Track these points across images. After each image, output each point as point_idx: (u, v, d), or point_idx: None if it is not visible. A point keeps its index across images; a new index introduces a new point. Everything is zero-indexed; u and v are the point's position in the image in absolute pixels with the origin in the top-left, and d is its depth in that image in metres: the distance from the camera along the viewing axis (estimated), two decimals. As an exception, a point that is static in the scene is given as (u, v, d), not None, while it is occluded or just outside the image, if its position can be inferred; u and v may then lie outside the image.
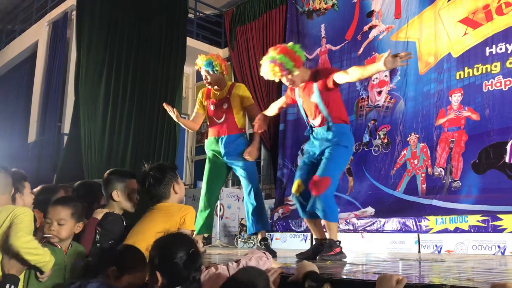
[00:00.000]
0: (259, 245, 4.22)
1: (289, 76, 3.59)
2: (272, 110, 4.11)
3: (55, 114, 8.79)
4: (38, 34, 10.06)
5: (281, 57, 3.49)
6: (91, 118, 8.02)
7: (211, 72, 4.27)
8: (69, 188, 3.35)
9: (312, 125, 3.74)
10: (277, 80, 3.70)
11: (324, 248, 3.51)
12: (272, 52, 3.55)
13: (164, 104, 4.33)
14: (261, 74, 3.65)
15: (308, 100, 3.69)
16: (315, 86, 3.62)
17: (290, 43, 3.65)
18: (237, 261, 2.19)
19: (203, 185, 4.44)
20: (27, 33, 10.73)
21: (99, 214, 2.69)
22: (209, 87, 4.38)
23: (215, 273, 2.09)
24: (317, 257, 3.44)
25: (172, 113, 4.29)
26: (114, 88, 8.36)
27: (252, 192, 4.19)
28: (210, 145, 4.46)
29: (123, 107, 8.42)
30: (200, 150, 10.82)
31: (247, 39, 9.62)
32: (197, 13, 11.00)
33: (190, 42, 9.85)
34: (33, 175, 8.35)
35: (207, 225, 4.41)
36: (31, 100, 9.87)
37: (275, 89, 8.70)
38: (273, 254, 3.97)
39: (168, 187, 2.66)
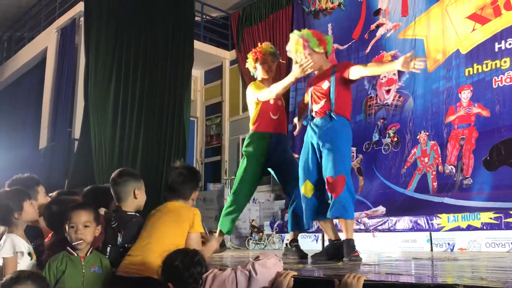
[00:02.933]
0: (289, 246, 4.09)
1: (309, 55, 3.63)
2: (302, 111, 4.22)
3: (65, 119, 8.86)
4: (47, 41, 10.15)
5: (308, 33, 3.66)
6: (101, 122, 8.07)
7: None
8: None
9: (314, 114, 3.72)
10: (298, 60, 3.69)
11: (348, 248, 3.49)
12: (303, 30, 3.74)
13: None
14: (286, 48, 3.77)
15: (319, 86, 3.69)
16: (333, 73, 3.64)
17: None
18: (246, 264, 2.18)
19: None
20: (36, 40, 10.83)
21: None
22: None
23: (219, 276, 2.08)
24: (345, 259, 3.43)
25: None
26: (123, 92, 8.40)
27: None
28: None
29: (133, 111, 8.46)
30: (209, 152, 10.85)
31: (254, 41, 9.63)
32: (204, 16, 11.04)
33: (198, 45, 9.88)
34: (44, 181, 8.38)
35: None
36: (41, 106, 9.96)
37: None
38: (304, 255, 3.93)
39: (193, 190, 2.75)
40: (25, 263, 2.41)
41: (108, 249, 2.68)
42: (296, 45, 3.65)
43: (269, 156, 4.09)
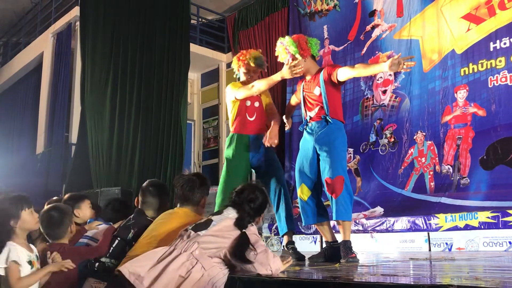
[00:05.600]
0: (286, 248, 4.09)
1: (293, 62, 3.69)
2: (290, 110, 4.26)
3: (62, 124, 8.85)
4: (43, 45, 10.15)
5: (289, 40, 3.72)
6: (98, 127, 8.06)
7: None
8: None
9: (308, 119, 3.75)
10: (285, 63, 3.76)
11: (345, 250, 3.49)
12: (286, 36, 3.81)
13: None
14: (276, 54, 3.87)
15: (311, 92, 3.73)
16: (321, 77, 3.67)
17: (310, 37, 3.87)
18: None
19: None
20: (32, 45, 10.82)
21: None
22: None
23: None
24: (342, 260, 3.44)
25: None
26: (120, 96, 8.40)
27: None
28: None
29: (130, 115, 8.46)
30: (207, 155, 10.85)
31: (250, 43, 9.65)
32: (200, 19, 11.04)
33: (194, 48, 9.89)
34: (42, 186, 8.41)
35: None
36: (38, 111, 9.94)
37: (279, 91, 8.71)
38: (302, 257, 3.93)
39: (201, 196, 2.83)
40: (24, 271, 2.38)
41: (116, 241, 2.75)
42: (279, 53, 3.78)
43: (249, 157, 4.08)
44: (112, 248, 2.78)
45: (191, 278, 2.09)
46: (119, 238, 2.81)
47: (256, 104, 4.15)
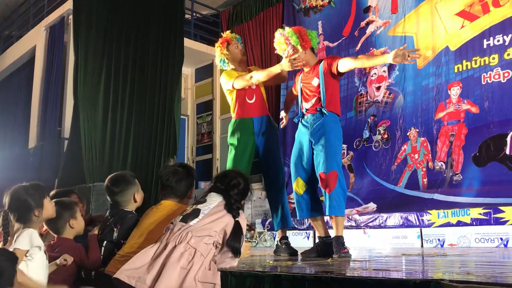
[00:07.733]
0: (279, 244, 4.09)
1: (293, 54, 3.66)
2: (288, 105, 4.34)
3: (54, 119, 8.78)
4: (36, 39, 10.06)
5: (290, 31, 3.67)
6: (91, 121, 8.01)
7: None
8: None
9: (304, 111, 3.74)
10: (283, 55, 3.73)
11: (337, 245, 3.49)
12: (286, 28, 3.76)
13: None
14: (274, 45, 3.81)
15: (309, 83, 3.71)
16: (321, 68, 3.66)
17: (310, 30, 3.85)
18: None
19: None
20: (24, 38, 10.73)
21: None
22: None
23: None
24: (335, 256, 3.44)
25: None
26: (113, 90, 8.35)
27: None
28: None
29: (123, 110, 8.41)
30: (200, 150, 10.83)
31: (244, 38, 9.61)
32: (194, 14, 10.99)
33: (188, 42, 9.84)
34: (34, 180, 8.34)
35: None
36: (30, 105, 9.87)
37: (273, 86, 8.69)
38: (294, 253, 3.93)
39: (188, 188, 2.76)
40: (42, 258, 2.29)
41: (103, 248, 2.69)
42: (279, 43, 3.71)
43: (255, 140, 4.03)
44: (102, 257, 2.68)
45: (194, 268, 2.08)
46: (105, 242, 2.72)
47: (253, 86, 4.09)
